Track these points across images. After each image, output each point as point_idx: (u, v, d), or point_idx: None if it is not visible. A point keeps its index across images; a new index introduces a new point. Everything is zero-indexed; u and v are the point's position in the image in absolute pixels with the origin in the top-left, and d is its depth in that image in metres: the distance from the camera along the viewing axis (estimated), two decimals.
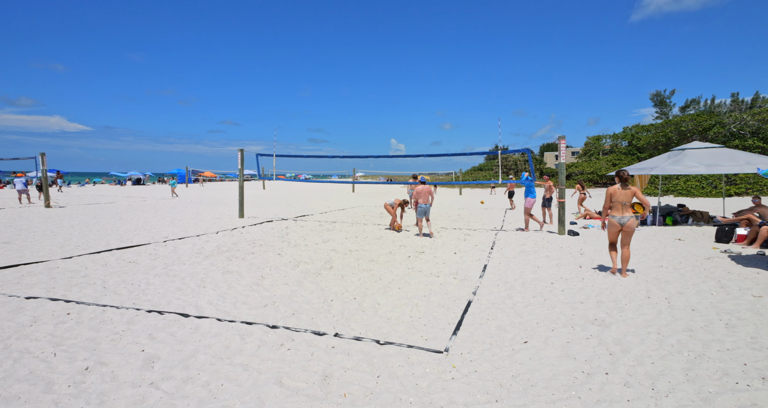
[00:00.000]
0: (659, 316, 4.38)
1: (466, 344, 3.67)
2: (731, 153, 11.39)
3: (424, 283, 5.77)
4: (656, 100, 56.45)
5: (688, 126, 32.70)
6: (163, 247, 8.22)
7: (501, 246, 8.92)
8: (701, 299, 4.96)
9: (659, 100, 56.18)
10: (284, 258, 7.38)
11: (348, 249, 8.40)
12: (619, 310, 4.62)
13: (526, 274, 6.32)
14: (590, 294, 5.24)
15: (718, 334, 3.88)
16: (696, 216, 12.19)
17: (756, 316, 4.35)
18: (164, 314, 4.23)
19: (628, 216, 5.94)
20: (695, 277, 6.03)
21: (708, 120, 32.37)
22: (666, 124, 36.35)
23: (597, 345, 3.67)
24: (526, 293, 5.30)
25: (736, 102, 46.91)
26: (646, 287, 5.51)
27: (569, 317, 4.39)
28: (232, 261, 7.03)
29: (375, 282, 5.84)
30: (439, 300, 5.00)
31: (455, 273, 6.40)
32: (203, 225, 11.83)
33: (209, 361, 3.19)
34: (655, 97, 56.54)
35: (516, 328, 4.07)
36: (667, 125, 35.49)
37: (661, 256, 7.57)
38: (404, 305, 4.78)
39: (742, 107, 42.14)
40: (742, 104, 45.32)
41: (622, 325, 4.13)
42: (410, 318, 4.37)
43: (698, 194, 25.86)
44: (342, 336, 3.78)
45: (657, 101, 56.37)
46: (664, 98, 55.92)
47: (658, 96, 56.29)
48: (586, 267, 6.74)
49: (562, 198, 10.47)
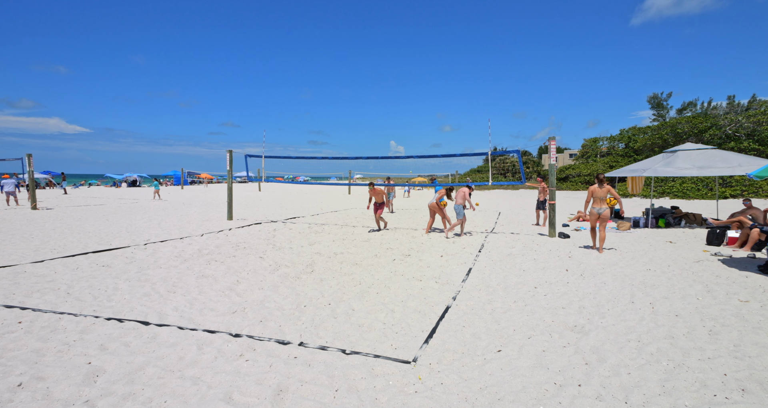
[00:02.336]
0: (641, 323, 4.22)
1: (436, 353, 3.50)
2: (724, 155, 11.27)
3: (404, 288, 5.60)
4: (653, 102, 56.43)
5: (683, 128, 32.61)
6: (142, 250, 8.03)
7: (489, 249, 8.75)
8: (686, 304, 4.80)
9: (656, 103, 56.13)
10: (265, 261, 7.20)
11: (333, 252, 8.22)
12: (601, 316, 4.46)
13: (511, 278, 6.16)
14: (573, 299, 5.08)
15: (700, 342, 3.71)
16: (689, 218, 12.05)
17: (741, 322, 4.19)
18: (124, 322, 4.04)
19: (604, 207, 8.12)
20: (682, 281, 5.88)
21: (704, 122, 32.28)
22: (662, 126, 36.29)
23: (573, 354, 3.50)
24: (507, 298, 5.13)
25: (732, 105, 46.91)
26: (631, 292, 5.35)
27: (548, 324, 4.22)
28: (211, 264, 6.85)
29: (354, 286, 5.67)
30: (417, 306, 4.82)
31: (438, 277, 6.23)
32: (189, 227, 11.64)
33: (158, 375, 2.99)
34: (652, 99, 56.52)
35: (491, 336, 3.90)
36: (663, 127, 35.42)
37: (650, 259, 7.41)
38: (379, 311, 4.61)
39: (737, 110, 42.10)
40: (738, 107, 45.31)
41: (602, 332, 3.96)
42: (383, 325, 4.19)
43: (694, 196, 25.75)
44: (307, 345, 3.60)
45: (654, 104, 56.34)
46: (661, 101, 55.90)
47: (655, 98, 56.25)
48: (573, 270, 6.58)
49: (553, 200, 10.32)
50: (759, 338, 3.78)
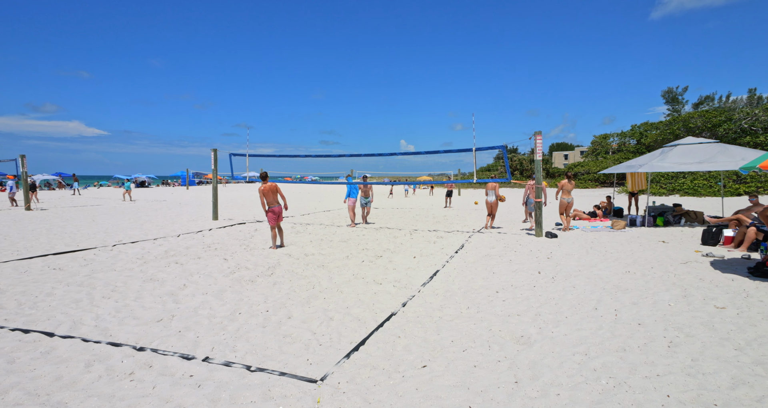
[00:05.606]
0: (596, 333, 3.81)
1: (352, 370, 3.13)
2: (726, 148, 10.64)
3: (358, 293, 5.25)
4: (668, 97, 54.84)
5: (696, 122, 31.48)
6: (107, 251, 7.83)
7: (469, 249, 8.36)
8: (655, 311, 4.36)
9: (671, 97, 54.53)
10: (228, 263, 6.93)
11: (304, 253, 7.92)
12: (556, 324, 4.06)
13: (476, 281, 5.77)
14: (533, 305, 4.68)
15: (654, 356, 3.29)
16: (689, 216, 11.44)
17: (709, 332, 3.75)
18: (29, 333, 3.74)
19: (571, 198, 10.74)
20: (661, 284, 5.41)
21: (717, 116, 31.12)
22: (674, 121, 35.12)
23: (506, 370, 3.12)
24: (461, 304, 4.75)
25: (752, 98, 45.26)
26: (599, 297, 4.92)
27: (494, 333, 3.84)
28: (169, 267, 6.59)
29: (305, 291, 5.33)
30: (360, 313, 4.47)
31: (399, 280, 5.87)
32: (171, 227, 11.47)
33: (17, 400, 2.63)
34: (666, 94, 54.94)
35: (424, 349, 3.52)
36: (675, 122, 34.26)
37: (634, 260, 6.93)
38: (316, 319, 4.26)
39: (754, 103, 40.56)
40: (759, 100, 43.66)
41: (548, 344, 3.56)
42: (312, 335, 3.85)
43: (705, 193, 24.81)
44: (212, 361, 3.26)
45: (669, 98, 54.75)
46: (676, 95, 54.29)
47: (669, 93, 54.66)
48: (546, 273, 6.16)
49: (540, 198, 9.85)
50: (722, 351, 3.35)
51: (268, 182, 8.39)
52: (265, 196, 8.25)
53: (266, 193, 8.24)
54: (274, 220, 8.32)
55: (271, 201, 8.31)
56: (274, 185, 8.38)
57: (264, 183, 8.34)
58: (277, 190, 8.46)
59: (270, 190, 8.30)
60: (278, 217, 8.39)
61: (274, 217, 8.32)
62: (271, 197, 8.31)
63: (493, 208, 11.37)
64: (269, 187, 8.30)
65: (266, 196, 8.25)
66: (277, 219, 8.34)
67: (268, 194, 8.28)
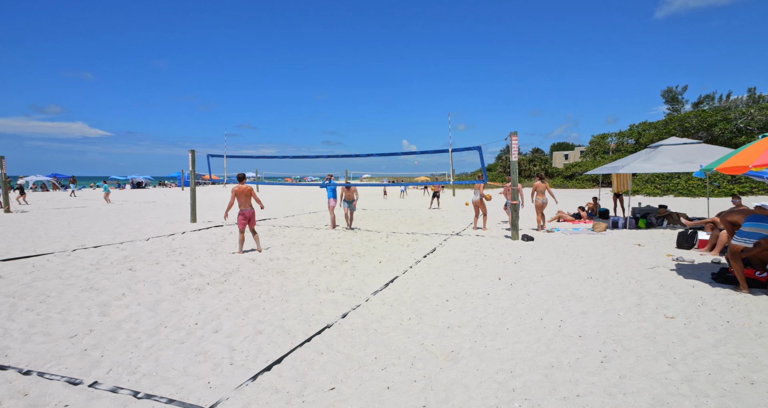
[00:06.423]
0: (532, 346, 3.61)
1: (253, 394, 2.89)
2: (707, 149, 10.44)
3: (303, 302, 5.05)
4: (668, 96, 54.47)
5: (692, 122, 31.18)
6: (62, 257, 7.64)
7: (440, 253, 8.17)
8: (601, 321, 4.17)
9: (671, 97, 54.17)
10: (185, 269, 6.74)
11: (269, 258, 7.74)
12: (493, 336, 3.87)
13: (432, 289, 5.58)
14: (479, 315, 4.49)
15: (581, 373, 3.10)
16: (672, 218, 11.22)
17: (648, 345, 3.55)
18: None
19: (545, 198, 10.76)
20: (619, 291, 5.21)
21: (713, 116, 30.80)
22: (670, 120, 34.82)
23: (419, 391, 2.92)
24: (405, 314, 4.55)
25: (752, 97, 44.84)
26: (550, 305, 4.73)
27: (424, 348, 3.64)
28: (120, 273, 6.38)
29: (250, 300, 5.13)
30: (294, 325, 4.26)
31: (351, 288, 5.68)
32: (145, 230, 11.32)
33: None
34: (666, 93, 54.58)
35: (342, 367, 3.30)
36: (671, 122, 33.97)
37: (602, 265, 6.73)
38: (244, 333, 4.03)
39: (755, 102, 40.14)
40: (759, 99, 43.26)
41: (475, 360, 3.37)
42: (230, 352, 3.60)
43: (699, 194, 24.55)
44: (99, 386, 3.01)
45: (669, 98, 54.37)
46: (675, 94, 53.90)
47: (669, 92, 54.31)
48: (506, 279, 5.97)
49: (516, 200, 9.65)
50: (654, 367, 3.15)
51: (245, 184, 8.23)
52: (237, 198, 8.09)
53: (239, 194, 8.08)
54: (243, 223, 8.14)
55: (243, 203, 8.13)
56: (248, 188, 8.17)
57: (240, 184, 8.20)
58: (251, 193, 8.25)
59: (243, 192, 8.11)
60: (249, 220, 8.21)
61: (245, 221, 8.14)
62: (243, 199, 8.12)
63: (481, 207, 11.31)
64: (243, 189, 8.10)
65: (238, 198, 8.09)
66: (247, 223, 8.17)
67: (241, 196, 8.10)
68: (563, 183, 38.85)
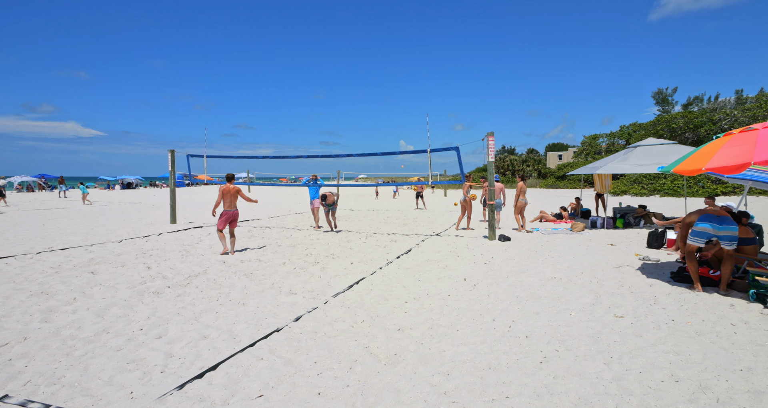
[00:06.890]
0: (476, 348, 3.60)
1: (175, 403, 2.79)
2: (682, 149, 10.50)
3: (260, 305, 4.99)
4: (658, 98, 54.86)
5: (678, 123, 31.43)
6: (25, 260, 7.50)
7: (415, 253, 8.15)
8: (552, 322, 4.16)
9: (661, 98, 54.56)
10: (149, 272, 6.65)
11: (240, 259, 7.69)
12: (440, 338, 3.85)
13: (395, 290, 5.56)
14: (434, 316, 4.47)
15: (516, 374, 3.08)
16: (648, 218, 11.27)
17: (590, 345, 3.55)
18: None
19: (525, 198, 10.75)
20: (578, 291, 5.22)
21: (699, 117, 31.09)
22: (657, 121, 35.09)
23: (349, 397, 2.83)
24: (360, 316, 4.52)
25: (740, 99, 45.24)
26: (506, 306, 4.72)
27: (368, 351, 3.61)
28: (79, 277, 6.22)
29: (206, 303, 5.03)
30: (242, 329, 4.17)
31: (313, 290, 5.64)
32: (121, 232, 11.20)
33: None
34: (657, 95, 54.97)
35: (277, 373, 3.21)
36: (659, 123, 34.22)
37: (569, 265, 6.74)
38: (188, 338, 3.95)
39: (737, 104, 40.57)
40: (746, 101, 43.66)
41: (415, 363, 3.34)
42: (165, 359, 3.51)
43: (684, 194, 24.67)
44: (7, 400, 2.88)
45: (659, 99, 54.76)
46: (665, 96, 54.30)
47: (659, 94, 54.70)
48: (471, 280, 5.96)
49: (492, 200, 9.66)
50: (589, 366, 3.15)
51: (232, 184, 8.25)
52: (223, 197, 8.09)
53: (225, 194, 8.09)
54: (223, 223, 8.11)
55: (229, 204, 8.15)
56: (236, 188, 8.20)
57: (228, 184, 8.21)
58: (239, 193, 8.28)
59: (230, 192, 8.13)
60: (233, 221, 8.22)
61: (226, 222, 8.13)
62: (229, 199, 8.13)
63: (467, 208, 11.37)
64: (230, 189, 8.11)
65: (224, 198, 8.10)
66: (229, 223, 8.17)
67: (227, 196, 8.12)
68: (555, 183, 39.03)
